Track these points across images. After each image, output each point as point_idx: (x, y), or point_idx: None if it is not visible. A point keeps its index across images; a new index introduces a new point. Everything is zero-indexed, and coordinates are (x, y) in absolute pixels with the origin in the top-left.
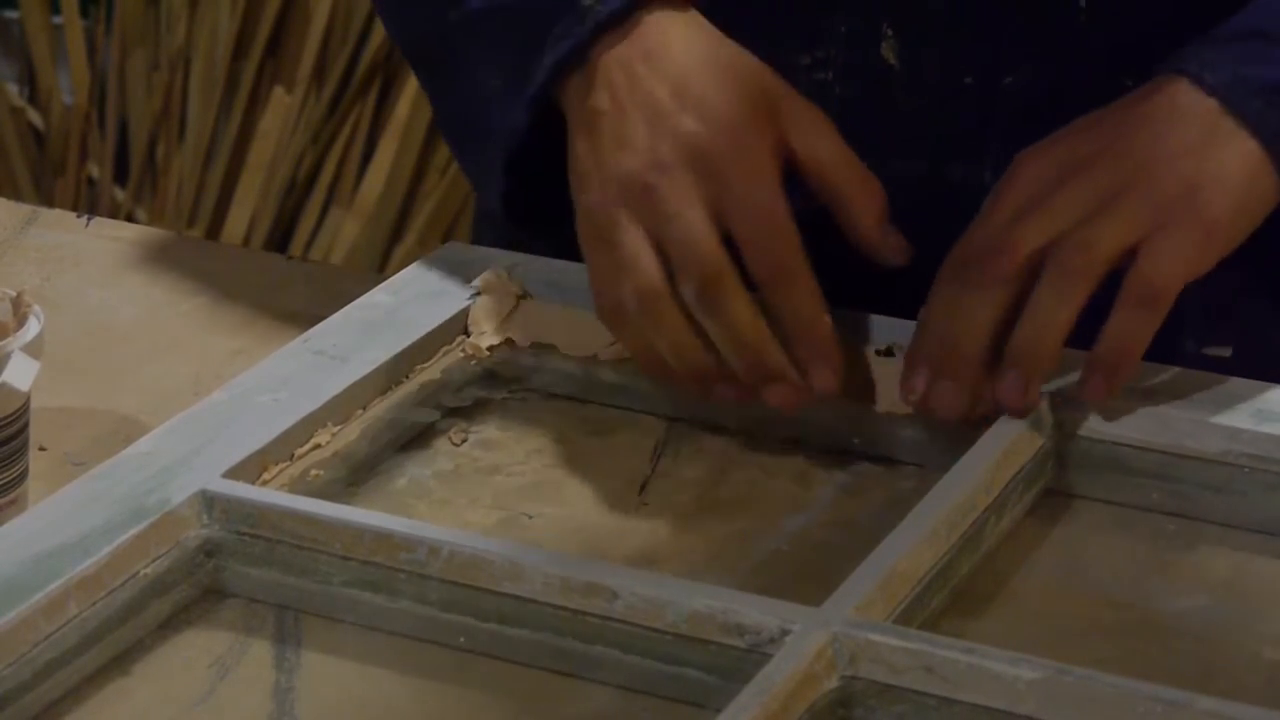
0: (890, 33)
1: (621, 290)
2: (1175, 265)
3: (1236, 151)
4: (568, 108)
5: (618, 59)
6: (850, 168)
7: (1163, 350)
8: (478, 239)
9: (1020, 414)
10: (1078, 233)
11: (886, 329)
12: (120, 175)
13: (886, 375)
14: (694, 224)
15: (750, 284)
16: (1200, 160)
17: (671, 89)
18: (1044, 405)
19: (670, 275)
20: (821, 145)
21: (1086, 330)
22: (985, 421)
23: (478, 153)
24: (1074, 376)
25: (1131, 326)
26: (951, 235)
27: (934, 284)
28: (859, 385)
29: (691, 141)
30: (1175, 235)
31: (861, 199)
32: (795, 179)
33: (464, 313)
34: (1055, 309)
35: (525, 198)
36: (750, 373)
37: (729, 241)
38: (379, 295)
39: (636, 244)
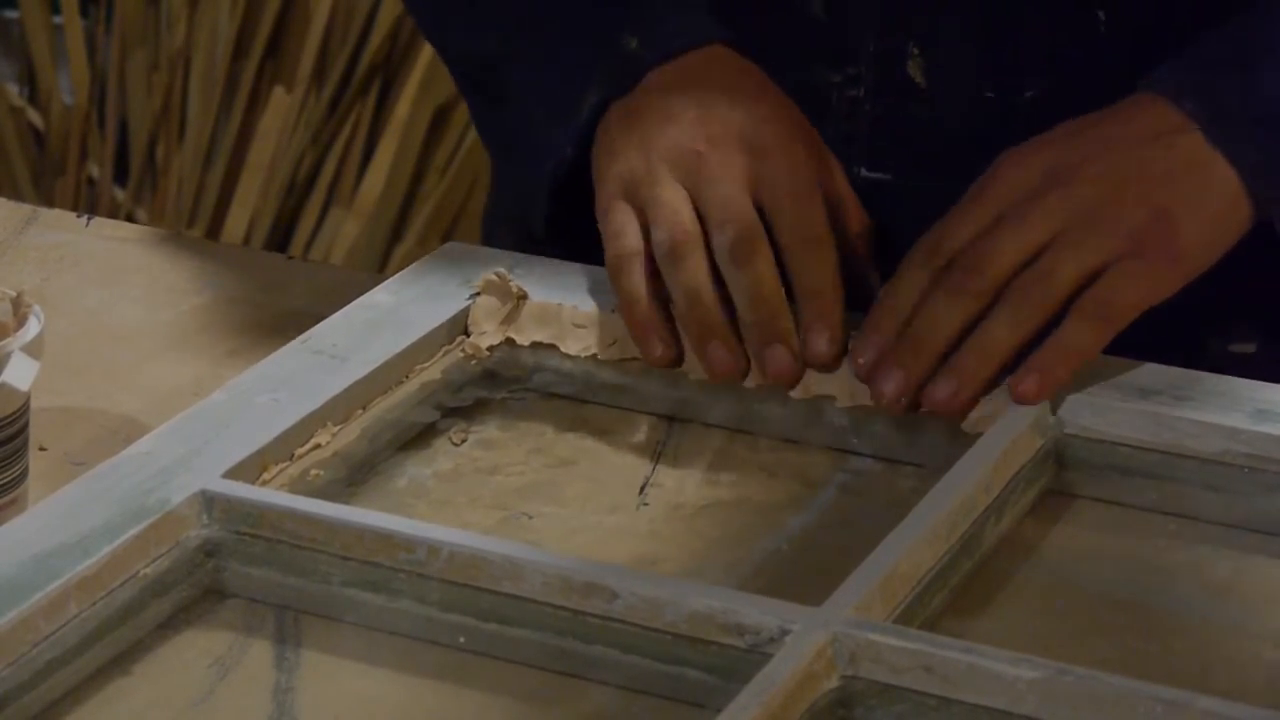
0: (916, 52)
1: (658, 233)
2: (1136, 291)
3: (1214, 181)
4: (609, 114)
5: (669, 67)
6: (853, 195)
7: (1187, 347)
8: (488, 238)
9: (944, 414)
10: (1044, 259)
11: None
12: (120, 175)
13: None
14: (737, 187)
15: None
16: (1177, 188)
17: (722, 88)
18: (1044, 405)
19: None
20: (834, 168)
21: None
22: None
23: (521, 175)
24: (1075, 377)
25: (1079, 339)
26: None
27: (903, 263)
28: (860, 386)
29: (740, 129)
30: (1141, 262)
31: (857, 225)
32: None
33: (464, 313)
34: (1005, 333)
35: (568, 218)
36: (759, 330)
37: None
38: (379, 295)
39: (677, 197)
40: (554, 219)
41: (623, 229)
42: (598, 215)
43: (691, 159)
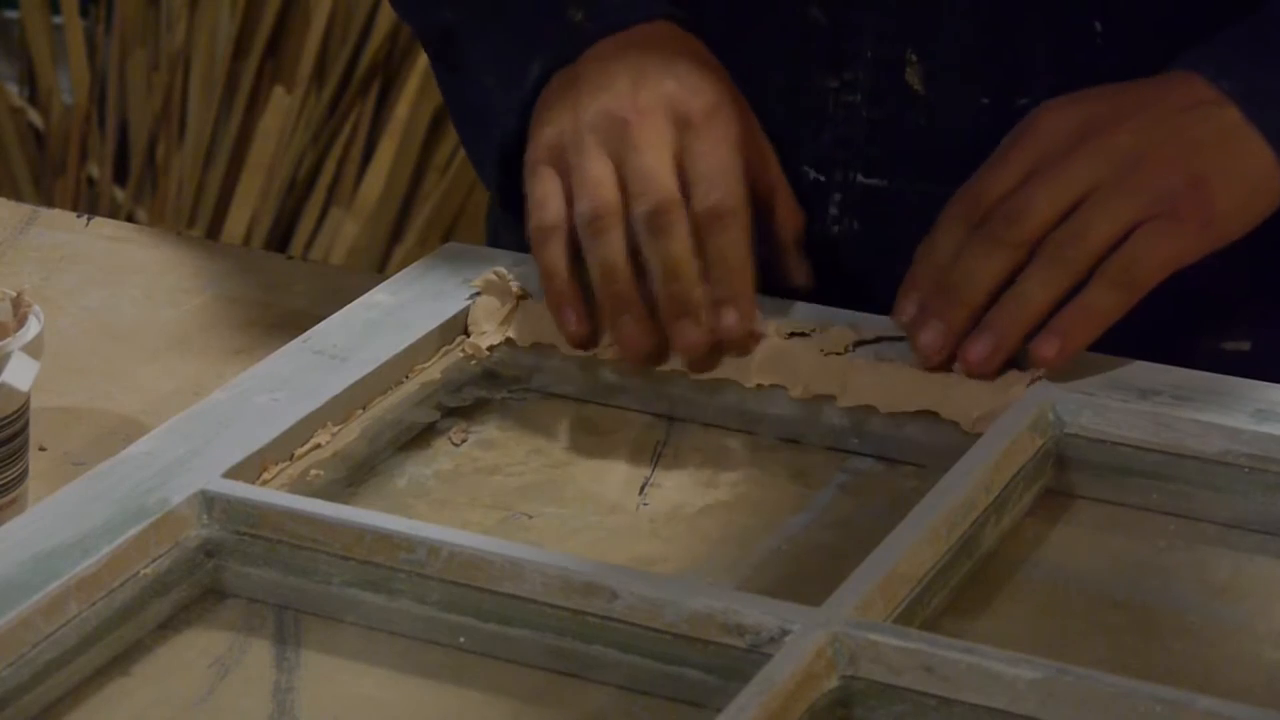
0: (914, 59)
1: (580, 204)
2: (1163, 254)
3: (1249, 153)
4: (550, 82)
5: (611, 40)
6: (786, 186)
7: (1181, 346)
8: (493, 239)
9: (978, 374)
10: (1077, 217)
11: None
12: (120, 175)
13: (886, 376)
14: (659, 159)
15: None
16: (1212, 155)
17: (659, 61)
18: (1044, 405)
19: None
20: (770, 157)
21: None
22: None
23: (476, 143)
24: (1077, 376)
25: (1103, 303)
26: None
27: (942, 217)
28: (860, 386)
29: (672, 99)
30: (1172, 224)
31: (790, 216)
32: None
33: (464, 313)
34: (1038, 291)
35: (519, 189)
36: (671, 302)
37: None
38: (379, 295)
39: (600, 167)
40: (508, 188)
41: (545, 199)
42: (525, 179)
43: (619, 128)
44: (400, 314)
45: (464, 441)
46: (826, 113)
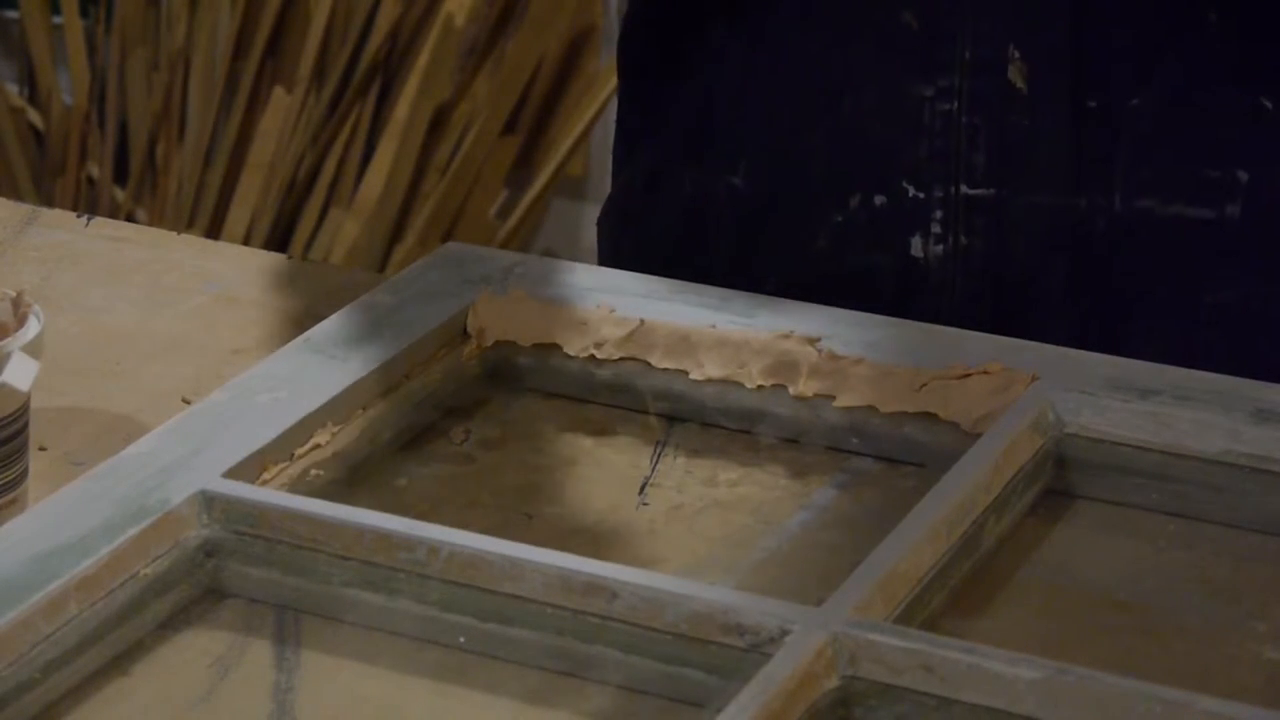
0: (1017, 55)
1: None
2: None
3: None
4: None
5: None
6: None
7: (1168, 299)
8: (603, 247)
9: None
10: None
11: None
12: (120, 175)
13: (886, 376)
14: None
15: None
16: None
17: None
18: (1044, 404)
19: None
20: None
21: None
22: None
23: None
24: (1077, 376)
25: None
26: (1083, 262)
27: None
28: (860, 386)
29: None
30: None
31: None
32: None
33: (464, 313)
34: None
35: None
36: None
37: None
38: (379, 295)
39: None
40: None
41: None
42: None
43: None
44: (400, 314)
45: (464, 441)
46: (922, 123)
